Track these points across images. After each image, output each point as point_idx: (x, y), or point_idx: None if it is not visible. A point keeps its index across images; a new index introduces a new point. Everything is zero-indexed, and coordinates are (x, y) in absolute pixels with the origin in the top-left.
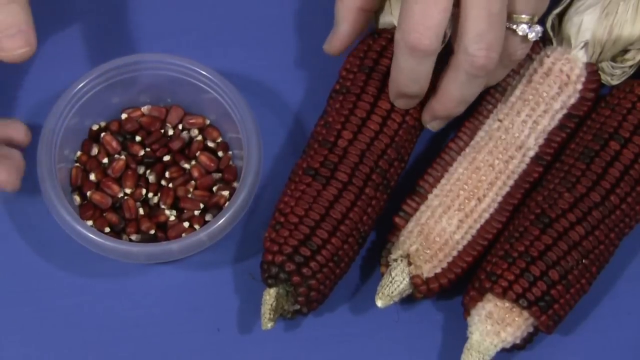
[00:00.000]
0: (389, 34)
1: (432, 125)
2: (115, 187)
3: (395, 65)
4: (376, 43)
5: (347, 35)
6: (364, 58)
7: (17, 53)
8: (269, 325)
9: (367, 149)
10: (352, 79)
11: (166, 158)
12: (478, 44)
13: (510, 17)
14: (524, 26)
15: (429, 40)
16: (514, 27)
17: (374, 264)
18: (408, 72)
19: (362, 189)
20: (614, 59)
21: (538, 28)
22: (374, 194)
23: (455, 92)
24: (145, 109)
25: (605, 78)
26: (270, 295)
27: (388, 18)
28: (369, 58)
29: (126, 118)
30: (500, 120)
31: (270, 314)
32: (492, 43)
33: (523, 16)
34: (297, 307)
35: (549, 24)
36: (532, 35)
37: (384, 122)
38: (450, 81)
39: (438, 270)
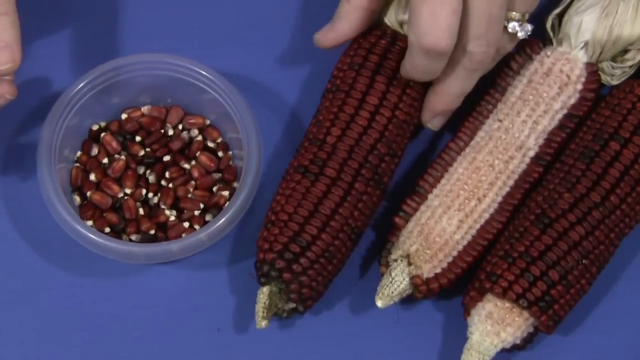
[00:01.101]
0: (378, 31)
1: (433, 123)
2: (115, 187)
3: (410, 63)
4: (366, 40)
5: (343, 33)
6: (354, 56)
7: (0, 68)
8: (263, 323)
9: (355, 144)
10: (342, 77)
11: (166, 158)
12: (477, 42)
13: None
14: (515, 24)
15: (445, 42)
16: (505, 23)
17: (374, 264)
18: (423, 70)
19: (351, 184)
20: (614, 59)
21: (528, 27)
22: (364, 189)
23: (455, 87)
24: (145, 109)
25: (605, 78)
26: (263, 294)
27: (380, 17)
28: (359, 55)
29: (126, 118)
30: (500, 121)
31: (263, 312)
32: (491, 40)
33: (514, 13)
34: (292, 305)
35: (549, 24)
36: (521, 34)
37: (373, 117)
38: (450, 77)
39: (438, 270)
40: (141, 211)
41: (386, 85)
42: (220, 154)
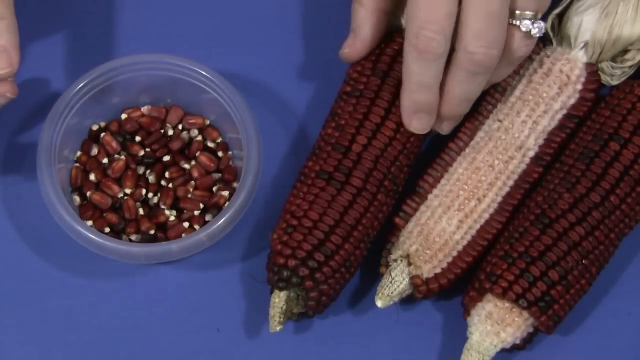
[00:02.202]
0: (401, 37)
1: (442, 128)
2: (116, 188)
3: (405, 71)
4: (389, 47)
5: (370, 39)
6: (377, 62)
7: None
8: (278, 328)
9: (381, 155)
10: (366, 82)
11: (166, 158)
12: (478, 42)
13: (512, 14)
14: (527, 22)
15: (437, 44)
16: (517, 23)
17: (374, 264)
18: (418, 77)
19: (375, 195)
20: (614, 59)
21: (542, 24)
22: (385, 200)
23: (458, 91)
24: (145, 109)
25: (605, 78)
26: (280, 299)
27: (398, 21)
28: (383, 62)
29: (126, 118)
30: (500, 121)
31: (280, 317)
32: (492, 40)
33: (527, 12)
34: (304, 310)
35: (549, 25)
36: (535, 32)
37: (398, 128)
38: (453, 80)
39: (438, 270)
40: (141, 211)
41: None
42: (220, 154)
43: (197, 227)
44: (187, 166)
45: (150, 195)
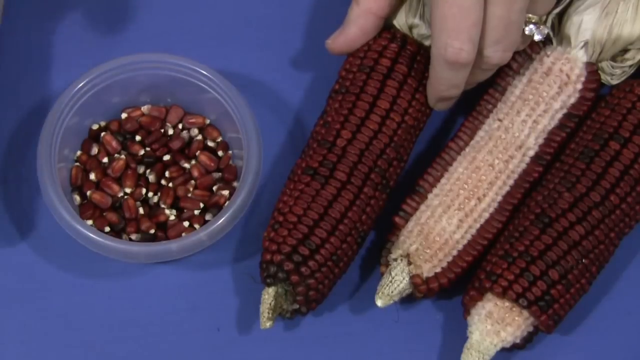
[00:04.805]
0: (389, 34)
1: (438, 106)
2: (115, 187)
3: (435, 76)
4: (376, 43)
5: (353, 37)
6: (364, 58)
7: None
8: (268, 324)
9: (366, 148)
10: (352, 78)
11: (166, 157)
12: (495, 47)
13: None
14: (532, 27)
15: (466, 54)
16: (523, 25)
17: (374, 263)
18: (447, 82)
19: (360, 188)
20: (613, 58)
21: (545, 30)
22: (372, 194)
23: (470, 81)
24: (145, 108)
25: (605, 78)
26: (268, 295)
27: (388, 20)
28: (369, 58)
29: (126, 118)
30: (500, 120)
31: (268, 313)
32: (508, 45)
33: (532, 16)
34: (296, 306)
35: (548, 24)
36: (538, 37)
37: (383, 121)
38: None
39: (438, 269)
40: (141, 210)
41: (397, 90)
42: (220, 153)
43: (197, 226)
44: (187, 165)
45: (150, 194)
